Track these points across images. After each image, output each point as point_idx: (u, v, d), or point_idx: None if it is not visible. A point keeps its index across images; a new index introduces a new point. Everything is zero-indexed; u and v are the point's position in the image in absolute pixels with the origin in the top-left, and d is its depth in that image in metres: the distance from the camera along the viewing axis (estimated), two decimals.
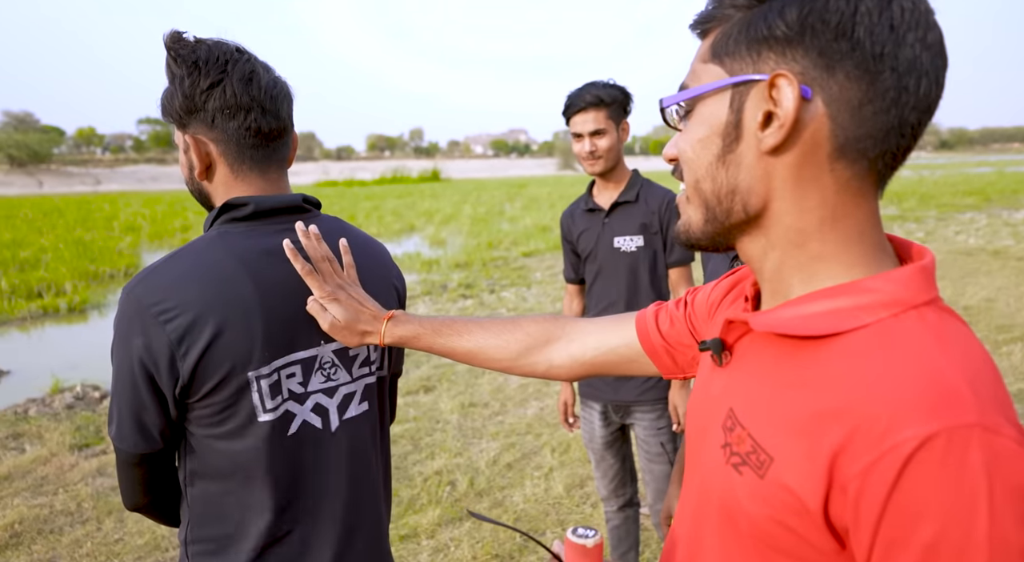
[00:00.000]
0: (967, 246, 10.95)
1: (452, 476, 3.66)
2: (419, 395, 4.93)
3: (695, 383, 0.80)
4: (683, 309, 0.92)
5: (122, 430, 1.04)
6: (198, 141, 1.07)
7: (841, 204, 0.59)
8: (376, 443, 1.23)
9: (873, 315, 0.57)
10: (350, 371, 1.16)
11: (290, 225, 1.10)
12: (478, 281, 9.25)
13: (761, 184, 0.61)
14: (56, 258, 11.30)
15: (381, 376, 1.24)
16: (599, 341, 1.00)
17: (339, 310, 1.05)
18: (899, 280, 0.58)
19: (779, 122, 0.57)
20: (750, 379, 0.65)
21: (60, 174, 65.37)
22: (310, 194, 1.18)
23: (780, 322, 0.61)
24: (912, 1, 0.55)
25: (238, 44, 1.08)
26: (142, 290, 1.00)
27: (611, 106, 2.21)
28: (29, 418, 4.55)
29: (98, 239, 14.30)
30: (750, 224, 0.64)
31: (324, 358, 1.12)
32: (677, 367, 0.93)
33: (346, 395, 1.16)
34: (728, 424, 0.65)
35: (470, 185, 44.71)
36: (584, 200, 2.43)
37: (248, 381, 1.03)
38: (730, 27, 0.61)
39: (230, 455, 1.05)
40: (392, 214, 19.87)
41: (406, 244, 13.53)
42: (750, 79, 0.59)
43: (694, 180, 0.65)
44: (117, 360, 1.02)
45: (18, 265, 10.69)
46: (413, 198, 27.94)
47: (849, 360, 0.55)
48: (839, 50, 0.55)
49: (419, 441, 4.14)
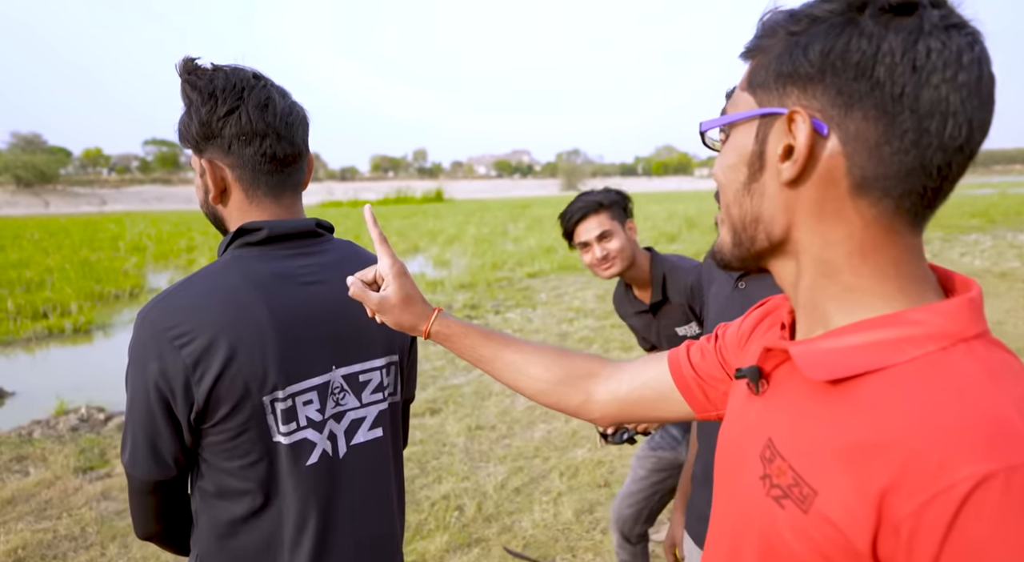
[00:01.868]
0: (973, 268, 10.92)
1: (460, 500, 3.62)
2: (425, 417, 4.90)
3: (728, 412, 0.79)
4: (714, 342, 0.91)
5: (136, 457, 1.03)
6: (214, 166, 1.07)
7: (871, 239, 0.59)
8: (390, 469, 1.22)
9: (920, 348, 0.55)
10: (359, 397, 1.16)
11: (303, 250, 1.11)
12: (483, 302, 9.24)
13: (783, 214, 0.62)
14: (61, 278, 11.33)
15: (394, 402, 1.23)
16: (634, 376, 0.98)
17: (400, 286, 1.01)
18: (946, 312, 0.57)
19: (794, 156, 0.58)
20: (790, 409, 0.64)
21: (66, 194, 65.86)
22: (319, 216, 1.18)
23: (823, 357, 0.60)
24: (942, 41, 0.54)
25: (255, 70, 1.09)
26: (157, 314, 0.99)
27: (611, 208, 2.15)
28: (33, 440, 4.52)
29: (103, 259, 14.35)
30: (776, 251, 0.65)
31: (335, 383, 1.12)
32: (709, 403, 0.91)
33: (353, 421, 1.15)
34: (767, 454, 0.64)
35: (473, 205, 44.88)
36: (628, 299, 2.36)
37: (263, 405, 1.02)
38: (765, 58, 0.62)
39: (243, 482, 1.05)
40: (396, 234, 19.93)
41: (410, 265, 13.53)
42: (773, 112, 0.60)
43: (725, 204, 0.67)
44: (132, 386, 1.01)
45: (24, 285, 10.71)
46: (417, 218, 28.06)
47: (897, 394, 0.54)
48: (858, 90, 0.55)
49: (426, 465, 4.10)
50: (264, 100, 1.05)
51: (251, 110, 1.04)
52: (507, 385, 1.04)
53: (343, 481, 1.13)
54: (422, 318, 1.03)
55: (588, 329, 7.52)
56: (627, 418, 0.99)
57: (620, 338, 6.97)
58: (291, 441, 1.06)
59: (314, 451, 1.08)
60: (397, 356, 1.23)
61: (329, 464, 1.11)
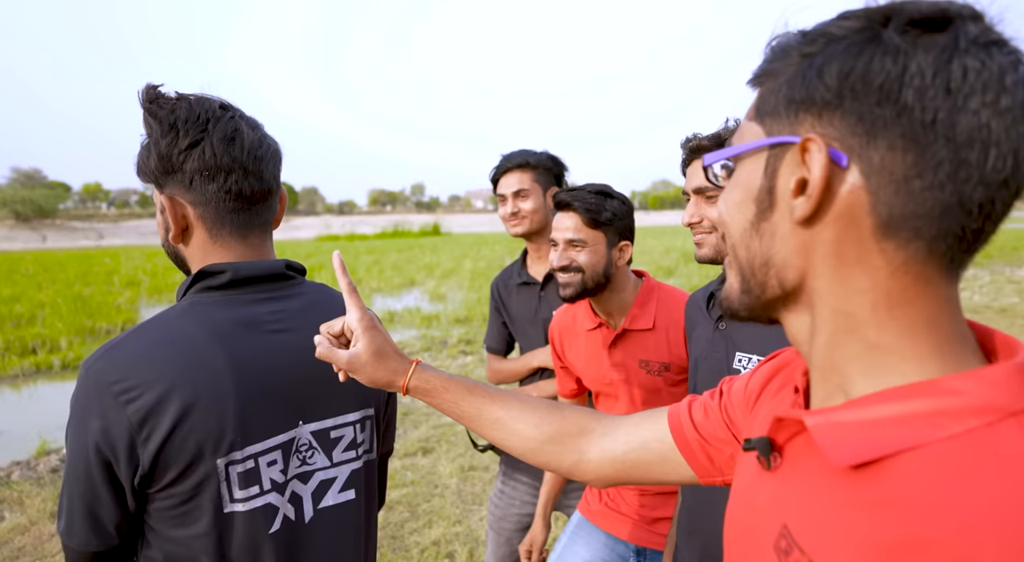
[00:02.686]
0: (972, 304, 10.84)
1: (451, 547, 3.48)
2: (417, 457, 4.76)
3: (734, 487, 0.69)
4: (718, 399, 0.81)
5: (72, 525, 0.92)
6: (175, 203, 0.99)
7: (899, 288, 0.50)
8: (360, 535, 1.11)
9: (962, 423, 0.46)
10: (329, 455, 1.05)
11: (270, 294, 1.02)
12: (478, 337, 9.12)
13: (797, 258, 0.54)
14: (53, 313, 11.20)
15: (369, 460, 1.13)
16: (630, 435, 0.88)
17: (370, 340, 0.92)
18: (992, 381, 0.48)
19: (808, 190, 0.50)
20: (808, 490, 0.54)
21: (64, 229, 65.95)
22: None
23: (846, 434, 0.50)
24: (981, 60, 0.46)
25: (223, 100, 1.01)
26: (103, 365, 0.90)
27: (536, 169, 2.15)
28: (11, 483, 4.37)
29: (97, 294, 14.22)
30: (789, 300, 0.56)
31: (301, 440, 1.01)
32: (714, 467, 0.81)
33: (323, 481, 1.04)
34: (783, 545, 0.54)
35: (471, 239, 44.94)
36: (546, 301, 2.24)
37: (215, 469, 0.92)
38: (775, 84, 0.55)
39: (194, 552, 0.94)
40: (392, 268, 19.86)
41: (406, 299, 13.44)
42: (784, 141, 0.53)
43: (732, 245, 0.60)
44: (71, 444, 0.91)
45: (14, 321, 10.58)
46: (414, 252, 28.02)
47: (938, 480, 0.45)
48: (882, 116, 0.47)
49: (416, 508, 3.96)
50: (231, 132, 0.97)
51: (215, 143, 0.96)
52: (494, 443, 0.94)
53: (309, 549, 1.02)
54: (398, 373, 0.94)
55: None
56: (625, 480, 0.89)
57: None
58: (250, 508, 0.95)
59: (276, 517, 0.98)
60: (373, 409, 1.13)
61: (292, 530, 1.00)
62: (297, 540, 1.01)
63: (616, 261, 1.73)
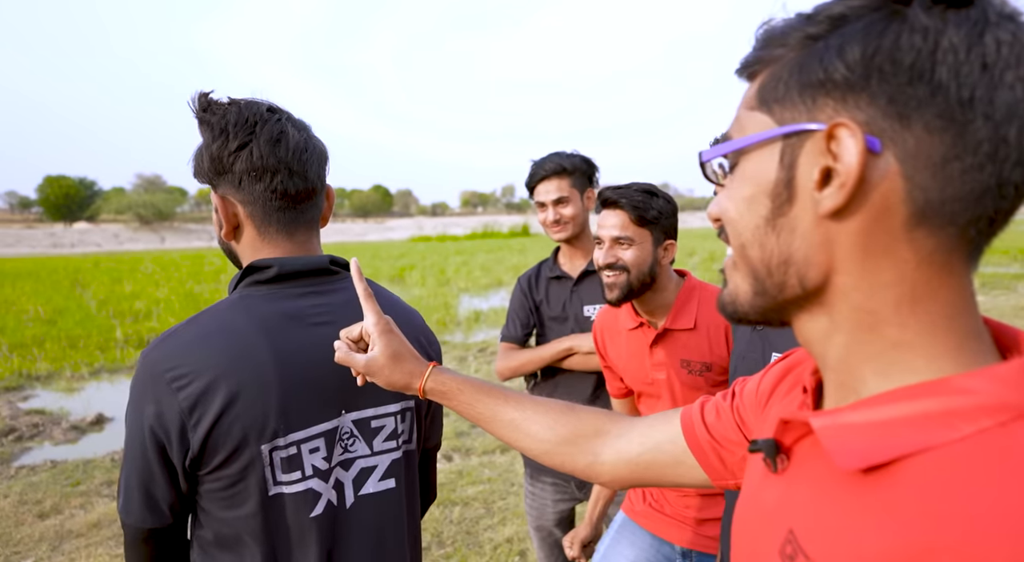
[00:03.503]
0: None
1: (523, 545, 3.50)
2: (495, 455, 4.82)
3: (743, 490, 0.66)
4: (730, 400, 0.79)
5: (129, 503, 0.99)
6: (226, 202, 1.05)
7: (923, 281, 0.47)
8: (403, 524, 1.14)
9: (973, 424, 0.43)
10: (370, 444, 1.09)
11: (315, 288, 1.07)
12: None
13: (820, 254, 0.50)
14: (167, 310, 12.05)
15: (409, 450, 1.16)
16: (644, 436, 0.86)
17: (386, 343, 0.95)
18: (1004, 378, 0.45)
19: (840, 180, 0.47)
20: (815, 494, 0.52)
21: (181, 231, 70.77)
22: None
23: (853, 436, 0.48)
24: (1012, 32, 0.44)
25: (271, 103, 1.06)
26: (158, 355, 0.97)
27: (573, 174, 2.17)
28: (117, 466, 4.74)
29: (207, 291, 15.19)
30: (809, 300, 0.52)
31: (344, 429, 1.06)
32: (727, 470, 0.79)
33: (363, 469, 1.08)
34: (788, 551, 0.52)
35: None
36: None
37: (260, 454, 0.97)
38: (780, 69, 0.51)
39: (241, 532, 0.99)
40: (480, 269, 20.14)
41: (492, 299, 13.59)
42: (804, 129, 0.49)
43: (740, 245, 0.55)
44: (129, 428, 0.99)
45: (133, 316, 11.46)
46: (503, 253, 28.30)
47: (949, 483, 0.42)
48: (915, 96, 0.44)
49: (492, 505, 4.01)
50: (277, 134, 1.02)
51: (262, 145, 1.01)
52: (509, 445, 0.95)
53: (350, 534, 1.06)
54: (414, 375, 0.96)
55: None
56: (639, 482, 0.87)
57: None
58: (294, 491, 1.00)
59: (319, 502, 1.02)
60: (413, 402, 1.16)
61: (334, 515, 1.04)
62: (339, 524, 1.05)
63: (661, 260, 1.70)
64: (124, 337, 9.46)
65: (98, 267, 23.09)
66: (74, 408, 6.25)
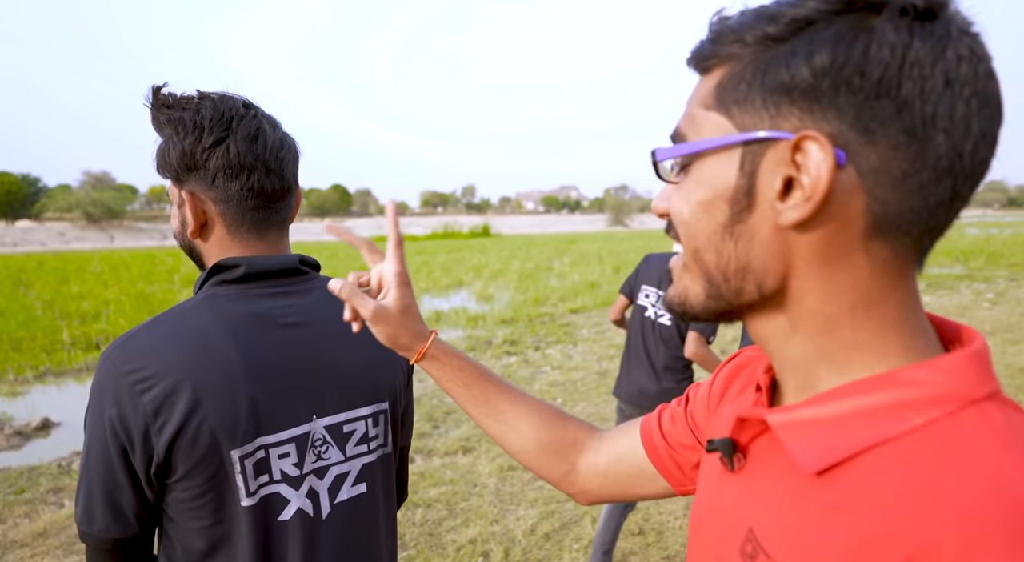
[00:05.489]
0: None
1: (486, 546, 3.49)
2: (457, 456, 4.79)
3: (698, 491, 0.67)
4: (684, 405, 0.80)
5: (91, 512, 0.94)
6: (195, 198, 1.01)
7: (877, 287, 0.48)
8: (375, 529, 1.11)
9: (923, 414, 0.45)
10: (343, 449, 1.06)
11: (285, 288, 1.04)
12: (523, 338, 9.13)
13: (779, 262, 0.50)
14: (117, 311, 11.67)
15: (384, 454, 1.13)
16: (610, 448, 0.86)
17: (401, 296, 0.86)
18: (950, 369, 0.46)
19: (805, 193, 0.46)
20: (772, 492, 0.53)
21: (131, 229, 68.74)
22: (310, 256, 1.11)
23: (811, 434, 0.49)
24: (969, 46, 0.44)
25: (245, 99, 1.03)
26: (120, 355, 0.92)
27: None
28: (71, 472, 4.58)
29: (158, 292, 14.78)
30: (765, 304, 0.52)
31: (316, 435, 1.02)
32: (684, 476, 0.79)
33: (338, 476, 1.05)
34: (748, 549, 0.53)
35: (520, 240, 45.00)
36: None
37: (230, 460, 0.93)
38: (740, 69, 0.49)
39: (213, 543, 0.95)
40: (441, 269, 20.05)
41: (453, 299, 13.54)
42: (770, 137, 0.47)
43: (694, 249, 0.54)
44: (90, 431, 0.94)
45: (80, 317, 11.08)
46: (463, 253, 28.23)
47: (900, 475, 0.44)
48: (882, 111, 0.44)
49: (455, 506, 3.98)
50: (254, 131, 0.99)
51: (239, 142, 0.98)
52: (490, 435, 0.91)
53: (326, 544, 1.03)
54: (419, 337, 0.88)
55: None
56: (606, 497, 0.87)
57: None
58: (261, 496, 0.97)
59: (287, 508, 0.99)
60: (387, 404, 1.13)
61: (310, 525, 1.01)
62: (315, 535, 1.02)
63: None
64: (71, 339, 9.13)
65: (43, 267, 22.28)
66: (18, 413, 6.00)
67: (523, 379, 6.94)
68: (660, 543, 3.51)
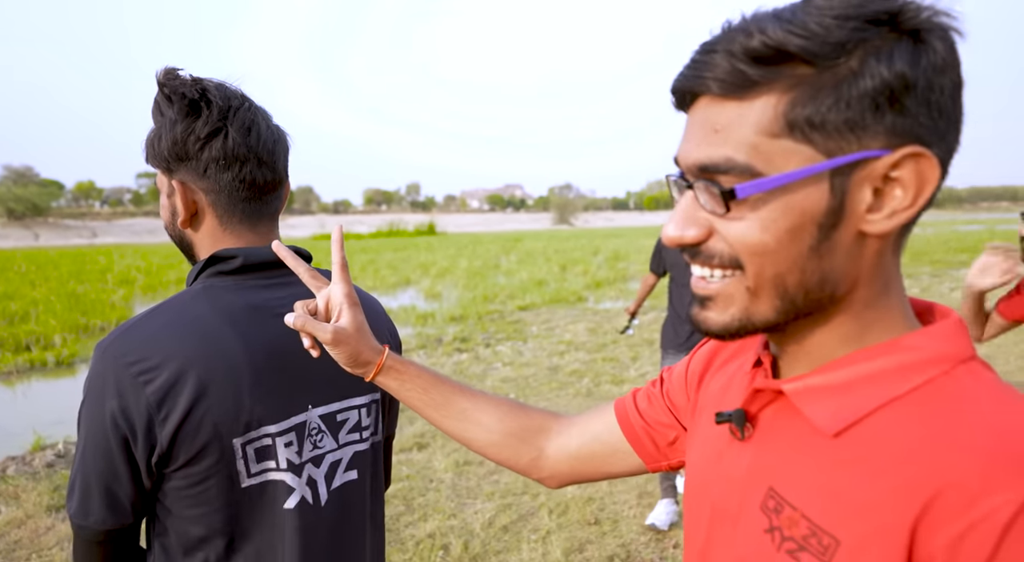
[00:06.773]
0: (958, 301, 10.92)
1: (445, 539, 3.51)
2: (412, 453, 4.79)
3: (694, 464, 0.72)
4: (660, 386, 0.86)
5: (88, 505, 0.93)
6: (186, 188, 1.00)
7: (894, 272, 0.57)
8: (367, 514, 1.13)
9: (922, 374, 0.53)
10: (336, 437, 1.07)
11: (280, 280, 1.04)
12: (474, 335, 9.15)
13: (853, 267, 0.54)
14: (47, 311, 11.18)
15: (376, 442, 1.15)
16: (583, 430, 0.90)
17: (354, 315, 0.89)
18: (940, 335, 0.55)
19: (904, 203, 0.51)
20: (790, 453, 0.58)
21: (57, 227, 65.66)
22: (310, 249, 1.11)
23: (824, 398, 0.56)
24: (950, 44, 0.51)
25: (241, 89, 1.02)
26: (120, 346, 0.91)
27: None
28: (7, 477, 4.38)
29: (91, 292, 14.19)
30: (825, 306, 0.56)
31: (311, 424, 1.03)
32: (659, 453, 0.84)
33: (332, 463, 1.06)
34: (771, 504, 0.58)
35: (466, 239, 44.96)
36: None
37: (232, 448, 0.94)
38: (807, 94, 0.49)
39: (208, 530, 0.95)
40: (388, 267, 19.87)
41: (401, 297, 13.46)
42: (868, 156, 0.50)
43: (774, 274, 0.54)
44: (86, 425, 0.92)
45: (8, 318, 10.55)
46: (409, 251, 28.05)
47: (912, 425, 0.51)
48: (938, 130, 0.51)
49: (412, 502, 3.99)
50: (248, 123, 0.99)
51: (234, 133, 0.97)
52: (454, 436, 0.94)
53: (322, 529, 1.04)
54: (376, 351, 0.91)
55: (579, 362, 7.43)
56: (577, 478, 0.91)
57: (611, 371, 6.90)
58: (264, 482, 0.97)
59: (291, 496, 1.00)
60: (379, 393, 1.15)
61: (309, 512, 1.02)
62: (314, 522, 1.03)
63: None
64: None
65: None
66: None
67: (475, 375, 6.97)
68: (615, 532, 3.59)
